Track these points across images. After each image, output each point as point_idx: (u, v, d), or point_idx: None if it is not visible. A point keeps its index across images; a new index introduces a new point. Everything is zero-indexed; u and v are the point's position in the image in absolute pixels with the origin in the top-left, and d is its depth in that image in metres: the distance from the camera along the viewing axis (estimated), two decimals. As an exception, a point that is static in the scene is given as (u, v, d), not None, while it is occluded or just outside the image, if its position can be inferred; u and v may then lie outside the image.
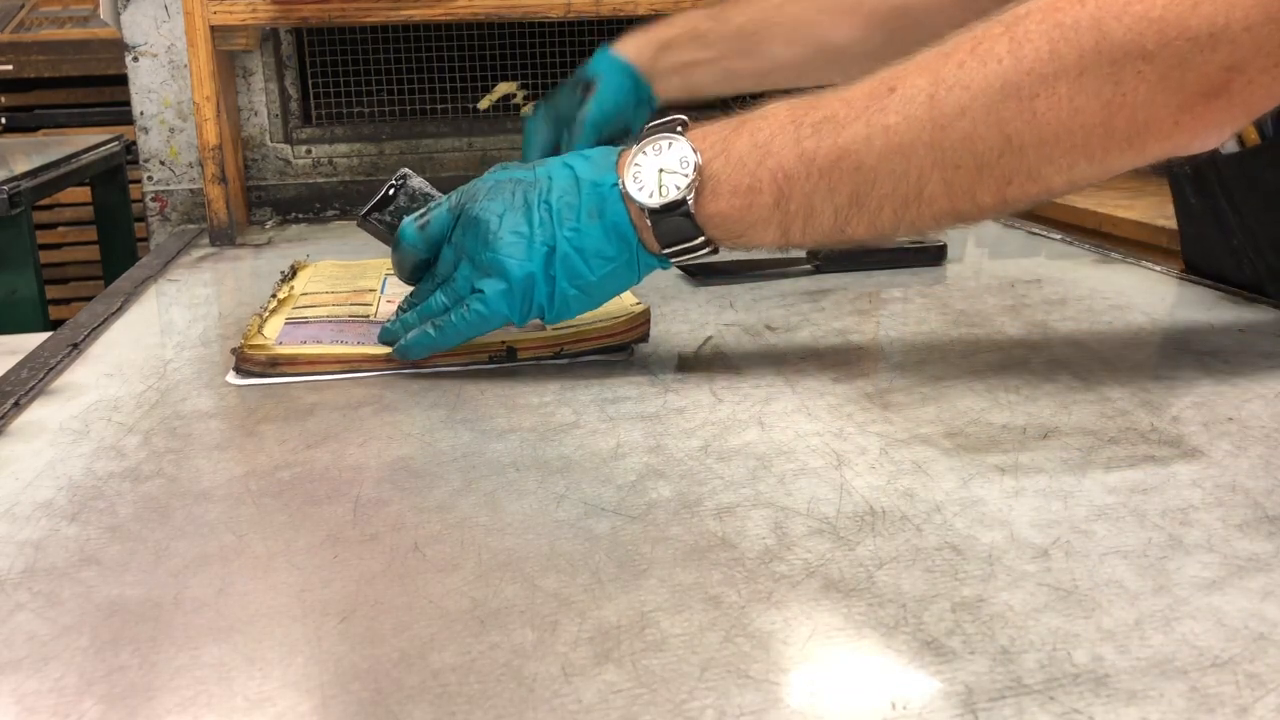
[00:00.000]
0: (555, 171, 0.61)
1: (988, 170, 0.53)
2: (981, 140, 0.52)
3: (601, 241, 0.59)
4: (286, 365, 0.65)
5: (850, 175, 0.54)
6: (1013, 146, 0.52)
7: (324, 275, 0.86)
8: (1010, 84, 0.51)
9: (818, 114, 0.55)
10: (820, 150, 0.54)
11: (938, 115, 0.52)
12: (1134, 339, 0.69)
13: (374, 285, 0.82)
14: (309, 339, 0.68)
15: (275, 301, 0.76)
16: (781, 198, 0.56)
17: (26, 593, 0.41)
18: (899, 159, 0.53)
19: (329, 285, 0.82)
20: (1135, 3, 0.49)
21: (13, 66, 2.60)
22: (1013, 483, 0.48)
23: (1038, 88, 0.50)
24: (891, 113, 0.53)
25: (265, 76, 1.22)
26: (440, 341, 0.62)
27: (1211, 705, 0.32)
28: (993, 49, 0.51)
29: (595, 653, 0.36)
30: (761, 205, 0.56)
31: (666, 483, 0.49)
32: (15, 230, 1.56)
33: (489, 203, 0.61)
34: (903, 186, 0.54)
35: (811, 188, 0.55)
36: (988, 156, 0.52)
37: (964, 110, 0.52)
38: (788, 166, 0.55)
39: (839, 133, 0.54)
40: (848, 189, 0.55)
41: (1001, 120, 0.51)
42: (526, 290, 0.60)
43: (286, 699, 0.34)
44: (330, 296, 0.79)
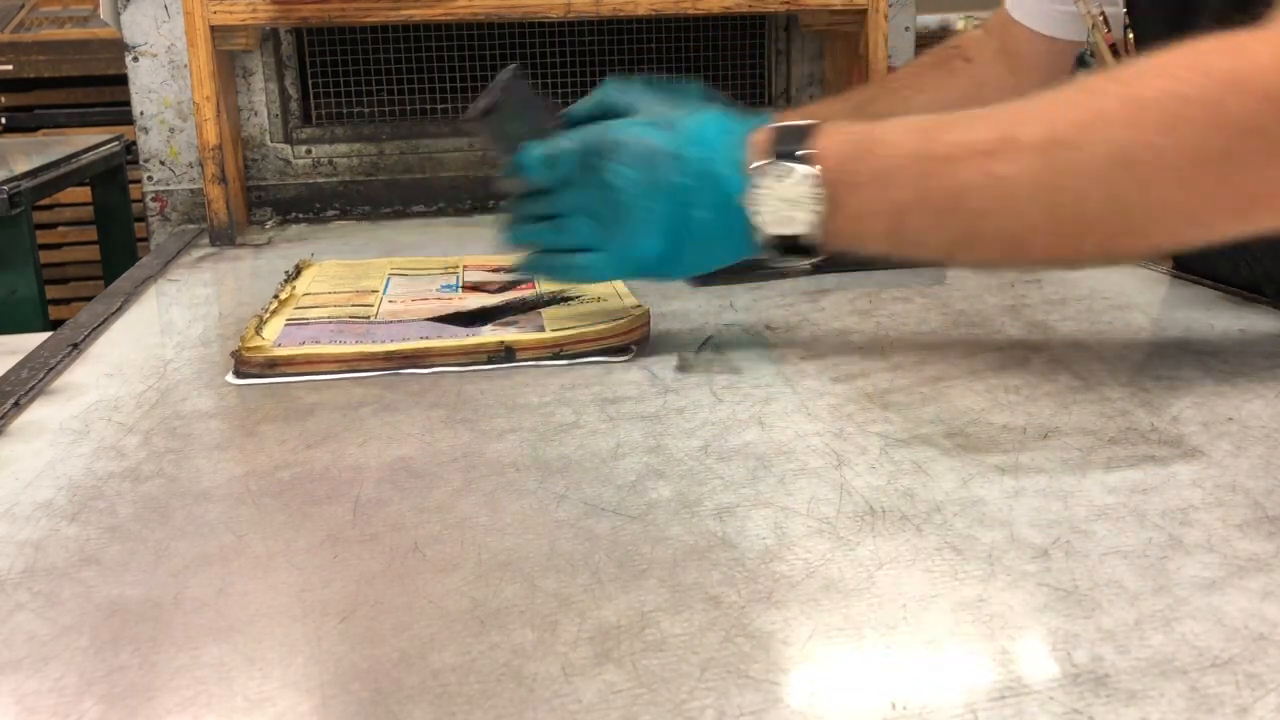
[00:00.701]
0: (688, 146, 0.61)
1: (1095, 228, 0.54)
2: (1091, 202, 0.53)
3: (723, 241, 0.61)
4: (285, 366, 0.65)
5: (962, 217, 0.56)
6: (1122, 211, 0.53)
7: (328, 275, 0.86)
8: (1126, 154, 0.51)
9: (940, 149, 0.56)
10: (938, 191, 0.56)
11: (1052, 174, 0.53)
12: (1134, 339, 0.69)
13: (376, 286, 0.82)
14: (308, 340, 0.68)
15: (276, 302, 0.76)
16: (897, 226, 0.57)
17: (26, 593, 0.41)
18: (1010, 209, 0.55)
19: (332, 286, 0.82)
20: (1255, 79, 0.49)
21: (13, 66, 2.60)
22: (1013, 483, 0.48)
23: (1152, 159, 0.51)
24: (1009, 163, 0.54)
25: (265, 76, 1.22)
26: (549, 274, 0.68)
27: (1211, 705, 0.32)
28: (1112, 115, 0.52)
29: (595, 653, 0.36)
30: (875, 232, 0.58)
31: (666, 483, 0.49)
32: (15, 230, 1.56)
33: (624, 169, 0.61)
34: (1010, 232, 0.56)
35: (925, 225, 0.57)
36: (1096, 216, 0.53)
37: (1078, 173, 0.53)
38: (906, 201, 0.56)
39: (956, 175, 0.55)
40: (959, 229, 0.56)
41: (1113, 186, 0.52)
42: (642, 266, 0.63)
43: (286, 699, 0.34)
44: (332, 297, 0.79)
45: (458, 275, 0.84)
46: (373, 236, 1.13)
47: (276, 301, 0.77)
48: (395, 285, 0.82)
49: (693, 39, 1.31)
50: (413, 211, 1.27)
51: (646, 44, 1.30)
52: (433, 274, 0.86)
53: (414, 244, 1.08)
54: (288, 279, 0.85)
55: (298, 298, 0.78)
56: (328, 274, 0.87)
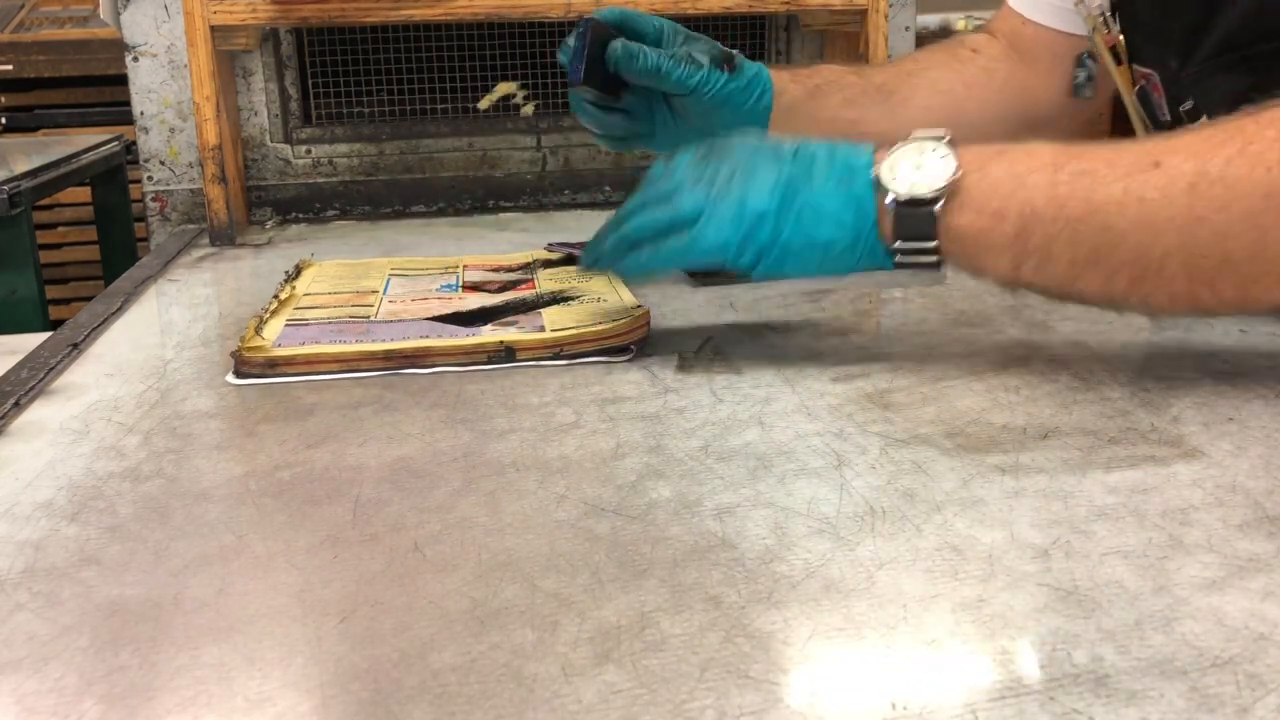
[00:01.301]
0: (808, 144, 0.61)
1: (1234, 268, 0.52)
2: (1235, 240, 0.52)
3: (840, 206, 0.59)
4: (285, 366, 0.65)
5: (1096, 232, 0.54)
6: (1267, 253, 0.52)
7: (328, 275, 0.86)
8: (1277, 194, 0.50)
9: (1079, 165, 0.55)
10: (1073, 199, 0.54)
11: (1196, 204, 0.52)
12: (1134, 339, 0.69)
13: (377, 286, 0.82)
14: (308, 340, 0.68)
15: (276, 302, 0.76)
16: (1024, 232, 0.56)
17: (26, 593, 0.41)
18: (1148, 232, 0.53)
19: (332, 286, 0.82)
20: None
21: (13, 66, 2.60)
22: (1013, 483, 0.48)
23: None
24: (1151, 187, 0.53)
25: (265, 76, 1.22)
26: (652, 263, 0.62)
27: (1211, 705, 0.32)
28: (1264, 155, 0.51)
29: (595, 653, 0.36)
30: (1003, 234, 0.56)
31: (666, 483, 0.49)
32: (15, 230, 1.56)
33: (747, 154, 0.61)
34: (1144, 259, 0.54)
35: (1055, 232, 0.55)
36: (1237, 255, 0.52)
37: (1224, 208, 0.51)
38: (1037, 204, 0.55)
39: (1095, 189, 0.54)
40: (1089, 244, 0.54)
41: (1260, 226, 0.51)
42: (754, 227, 0.59)
43: (286, 699, 0.34)
44: (332, 298, 0.79)
45: (458, 275, 0.84)
46: (373, 236, 1.13)
47: (276, 301, 0.77)
48: (395, 285, 0.82)
49: (693, 39, 1.31)
50: (413, 211, 1.27)
51: (646, 44, 1.29)
52: (433, 274, 0.85)
53: (414, 244, 1.08)
54: (288, 279, 0.85)
55: (298, 298, 0.79)
56: (328, 274, 0.87)
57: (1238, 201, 0.51)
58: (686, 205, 0.61)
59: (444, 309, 0.74)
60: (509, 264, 0.88)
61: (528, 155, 1.29)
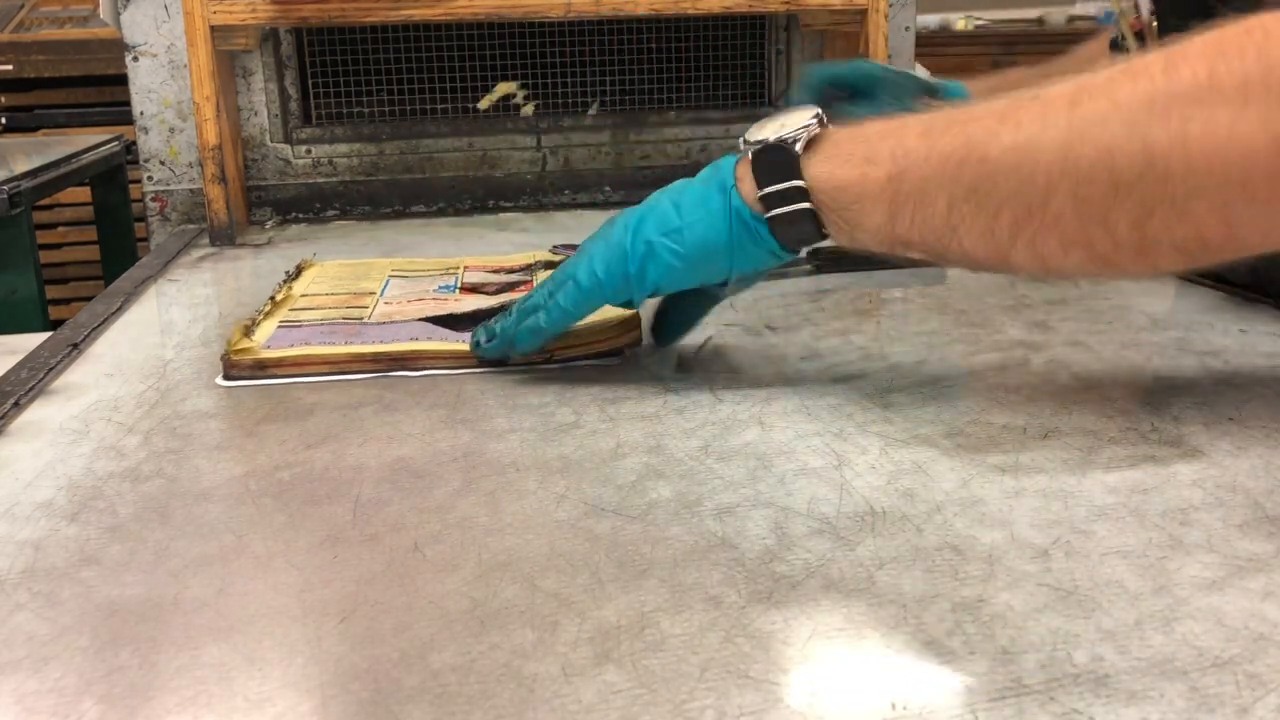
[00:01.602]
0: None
1: (1126, 192, 0.47)
2: (1121, 153, 0.47)
3: (698, 192, 0.58)
4: (274, 368, 0.65)
5: (972, 167, 0.50)
6: (1156, 168, 0.46)
7: (328, 276, 0.86)
8: (1160, 101, 0.46)
9: (956, 113, 0.53)
10: (945, 138, 0.51)
11: (1075, 121, 0.48)
12: (1134, 339, 0.69)
13: (374, 288, 0.82)
14: (298, 342, 0.68)
15: (271, 303, 0.76)
16: (895, 175, 0.52)
17: (26, 593, 0.41)
18: (1026, 158, 0.49)
19: (330, 287, 0.82)
20: None
21: (13, 66, 2.60)
22: (1013, 483, 0.48)
23: (1191, 109, 0.46)
24: (1026, 113, 0.50)
25: (265, 76, 1.22)
26: (549, 326, 0.62)
27: (1211, 705, 0.32)
28: (1147, 68, 0.47)
29: (595, 653, 0.36)
30: (874, 180, 0.53)
31: (666, 483, 0.49)
32: (15, 230, 1.56)
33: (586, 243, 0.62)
34: (1027, 191, 0.49)
35: (930, 172, 0.51)
36: (1126, 175, 0.47)
37: (1104, 119, 0.47)
38: (909, 146, 0.52)
39: (969, 126, 0.51)
40: (967, 180, 0.50)
41: (1146, 136, 0.46)
42: (619, 254, 0.58)
43: (286, 699, 0.34)
44: (329, 299, 0.79)
45: (457, 276, 0.84)
46: (372, 236, 1.13)
47: (271, 303, 0.77)
48: (393, 286, 0.82)
49: (693, 39, 1.31)
50: (413, 211, 1.27)
51: (646, 44, 1.30)
52: (432, 275, 0.85)
53: (414, 244, 1.08)
54: (287, 279, 0.85)
55: (294, 299, 0.78)
56: (328, 275, 0.87)
57: (1119, 112, 0.47)
58: (557, 274, 0.62)
59: (438, 310, 0.74)
60: (510, 265, 0.88)
61: (528, 155, 1.29)
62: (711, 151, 1.32)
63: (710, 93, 1.33)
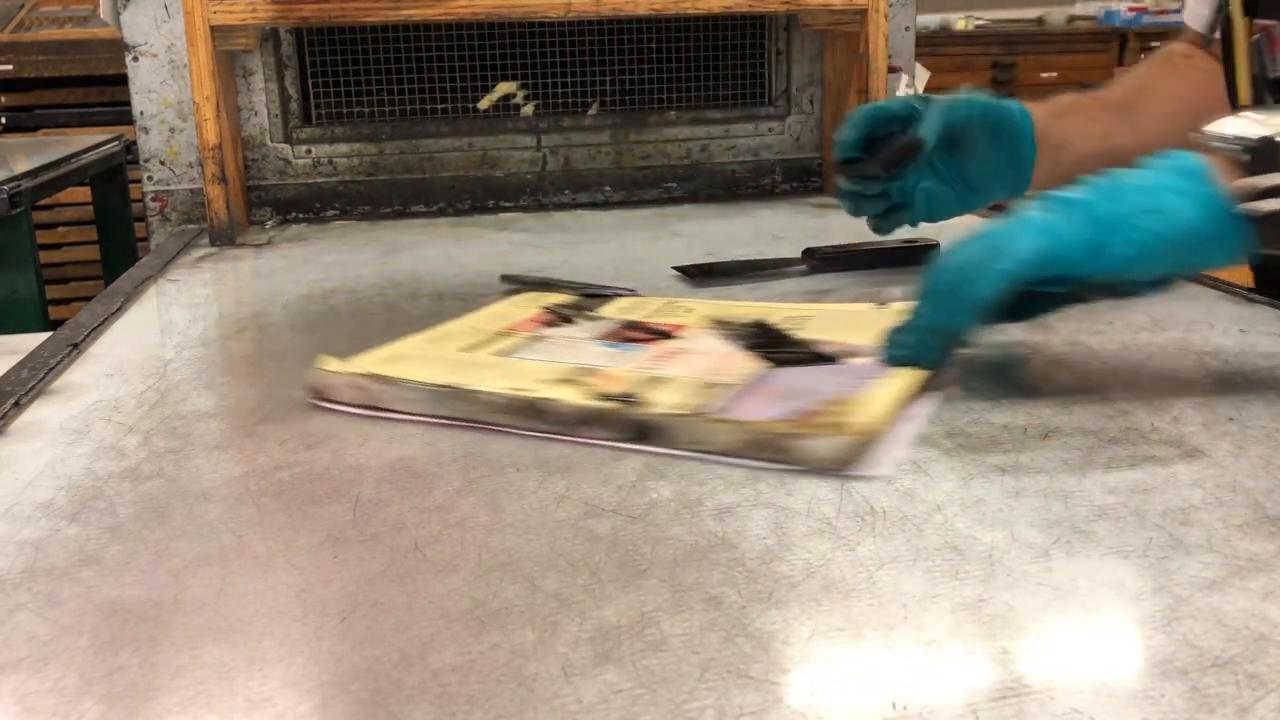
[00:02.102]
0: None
1: None
2: None
3: (1158, 177, 0.55)
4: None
5: None
6: None
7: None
8: None
9: None
10: None
11: None
12: (1134, 339, 0.69)
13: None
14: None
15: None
16: None
17: (26, 593, 0.41)
18: None
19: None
20: None
21: (13, 66, 2.60)
22: (1013, 483, 0.48)
23: None
24: None
25: (265, 76, 1.22)
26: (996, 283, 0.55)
27: (1211, 705, 0.32)
28: None
29: (595, 653, 0.36)
30: None
31: (666, 483, 0.49)
32: (15, 230, 1.56)
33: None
34: None
35: None
36: None
37: None
38: None
39: None
40: None
41: None
42: (1082, 219, 0.54)
43: (286, 699, 0.34)
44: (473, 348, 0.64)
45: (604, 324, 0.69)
46: (372, 236, 1.13)
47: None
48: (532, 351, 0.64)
49: (693, 39, 1.31)
50: (413, 211, 1.27)
51: (646, 44, 1.30)
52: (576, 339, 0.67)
53: (414, 244, 1.08)
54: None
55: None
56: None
57: None
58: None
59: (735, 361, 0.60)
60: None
61: (528, 155, 1.29)
62: (711, 151, 1.32)
63: (710, 93, 1.33)
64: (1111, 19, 3.68)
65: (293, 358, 0.70)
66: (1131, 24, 3.64)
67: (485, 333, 0.67)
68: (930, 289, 0.57)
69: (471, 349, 0.64)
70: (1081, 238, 0.54)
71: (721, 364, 0.59)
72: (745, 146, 1.33)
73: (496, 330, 0.68)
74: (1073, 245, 0.54)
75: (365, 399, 0.58)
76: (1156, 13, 3.69)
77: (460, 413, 0.56)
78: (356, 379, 0.58)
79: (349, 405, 0.58)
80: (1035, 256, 0.54)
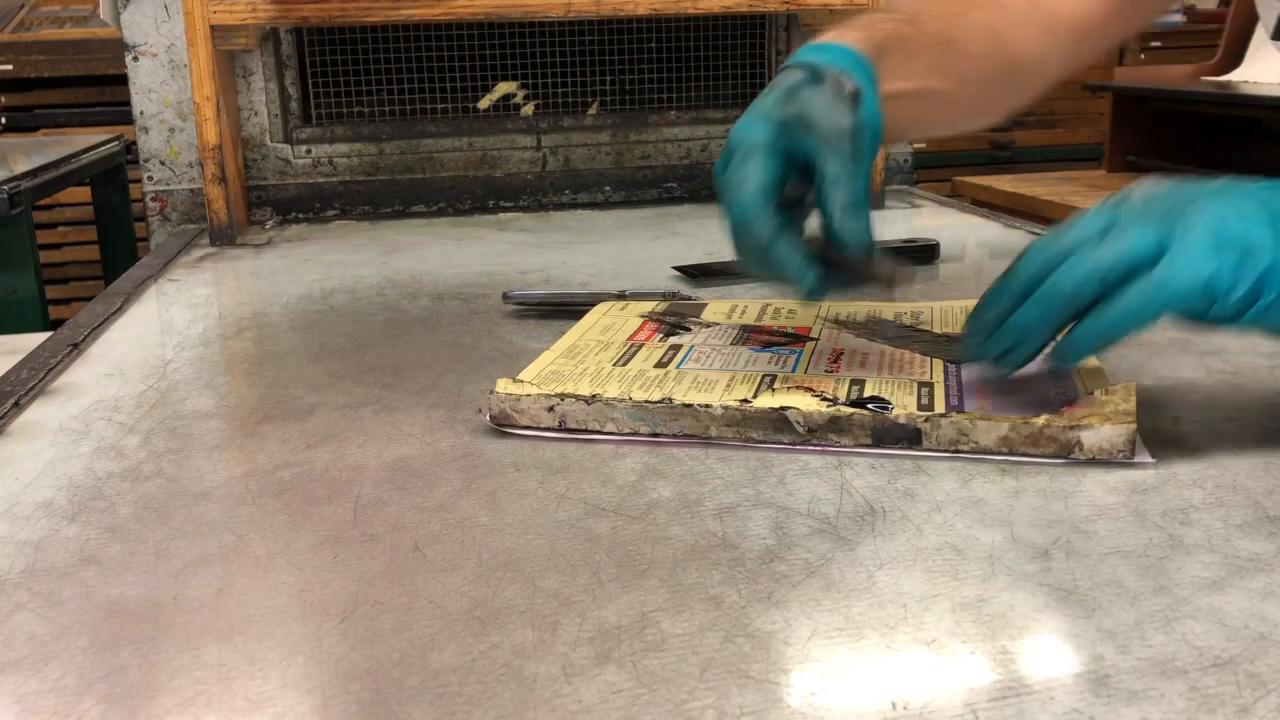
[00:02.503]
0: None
1: None
2: None
3: None
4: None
5: None
6: None
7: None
8: None
9: None
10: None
11: None
12: (1134, 339, 0.69)
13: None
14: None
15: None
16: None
17: (26, 593, 0.41)
18: None
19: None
20: None
21: (13, 66, 2.60)
22: (1013, 483, 0.48)
23: None
24: None
25: (265, 76, 1.22)
26: (1102, 331, 0.48)
27: (1211, 705, 0.32)
28: None
29: (595, 653, 0.36)
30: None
31: (667, 483, 0.49)
32: (15, 230, 1.56)
33: (1188, 186, 0.48)
34: None
35: None
36: None
37: None
38: None
39: None
40: None
41: None
42: (1245, 251, 0.45)
43: (286, 699, 0.34)
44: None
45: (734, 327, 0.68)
46: (372, 236, 1.13)
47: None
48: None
49: (693, 39, 1.31)
50: (413, 211, 1.27)
51: (646, 44, 1.30)
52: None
53: (414, 243, 1.08)
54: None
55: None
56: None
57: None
58: (1137, 239, 0.46)
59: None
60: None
61: (528, 155, 1.29)
62: (711, 151, 1.32)
63: (710, 93, 1.33)
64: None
65: (293, 358, 0.70)
66: (1131, 24, 3.64)
67: (617, 344, 0.64)
68: (1050, 296, 0.48)
69: (618, 363, 0.60)
70: (1244, 278, 0.45)
71: (900, 364, 0.59)
72: (745, 146, 1.33)
73: (623, 341, 0.64)
74: (1228, 286, 0.45)
75: (560, 421, 0.54)
76: (1156, 12, 3.70)
77: (682, 429, 0.53)
78: (554, 400, 0.54)
79: (539, 429, 0.54)
80: (1187, 298, 0.46)
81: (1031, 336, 0.49)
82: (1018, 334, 0.49)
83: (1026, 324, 0.49)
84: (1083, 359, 0.50)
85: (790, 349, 0.62)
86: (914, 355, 0.60)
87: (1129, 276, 0.47)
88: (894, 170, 1.35)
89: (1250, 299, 0.45)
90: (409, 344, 0.73)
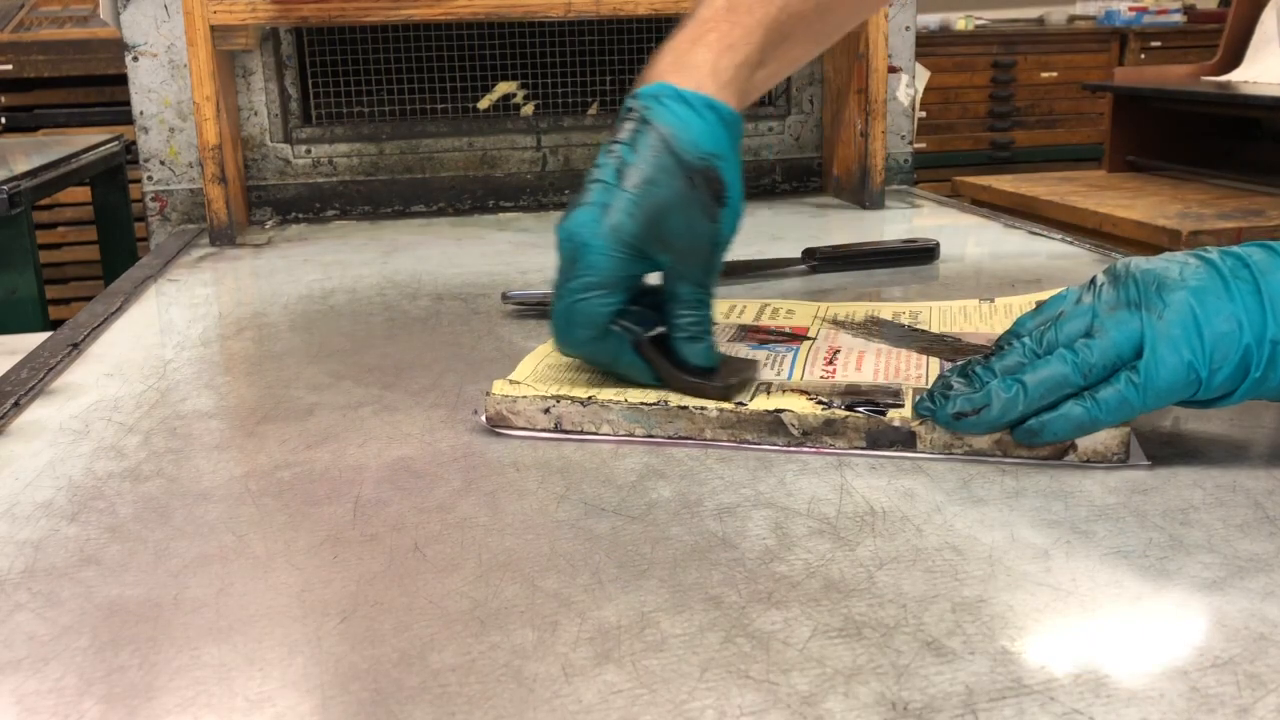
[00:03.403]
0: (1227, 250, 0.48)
1: None
2: None
3: None
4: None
5: None
6: None
7: None
8: None
9: None
10: None
11: None
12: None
13: None
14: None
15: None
16: None
17: (26, 593, 0.41)
18: None
19: None
20: None
21: (13, 66, 2.60)
22: (1013, 483, 0.48)
23: None
24: None
25: (265, 76, 1.22)
26: (1089, 422, 0.48)
27: (1211, 705, 0.32)
28: None
29: (595, 653, 0.36)
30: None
31: (667, 483, 0.49)
32: (15, 230, 1.56)
33: (1155, 263, 0.48)
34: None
35: None
36: None
37: None
38: None
39: None
40: None
41: None
42: (1224, 333, 0.45)
43: (286, 699, 0.34)
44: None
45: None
46: (372, 236, 1.13)
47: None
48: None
49: (693, 39, 1.31)
50: (413, 211, 1.27)
51: (646, 44, 1.30)
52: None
53: (414, 243, 1.08)
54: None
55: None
56: None
57: None
58: (1116, 336, 0.47)
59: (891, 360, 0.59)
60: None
61: (528, 155, 1.29)
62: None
63: (710, 93, 1.33)
64: (1111, 19, 3.68)
65: (292, 358, 0.70)
66: (1132, 24, 3.64)
67: None
68: (1030, 386, 0.48)
69: None
70: (1225, 362, 0.45)
71: (896, 364, 0.58)
72: (745, 146, 1.33)
73: None
74: (1209, 370, 0.46)
75: (556, 423, 0.54)
76: (1157, 12, 3.70)
77: (678, 431, 0.53)
78: (549, 402, 0.54)
79: (534, 430, 0.54)
80: (1174, 390, 0.46)
81: (998, 414, 0.49)
82: (984, 402, 0.49)
83: (997, 415, 0.49)
84: (1055, 443, 0.49)
85: (787, 346, 0.62)
86: (912, 355, 0.60)
87: (1111, 376, 0.47)
88: (894, 170, 1.35)
89: (1238, 377, 0.46)
90: (409, 344, 0.73)
